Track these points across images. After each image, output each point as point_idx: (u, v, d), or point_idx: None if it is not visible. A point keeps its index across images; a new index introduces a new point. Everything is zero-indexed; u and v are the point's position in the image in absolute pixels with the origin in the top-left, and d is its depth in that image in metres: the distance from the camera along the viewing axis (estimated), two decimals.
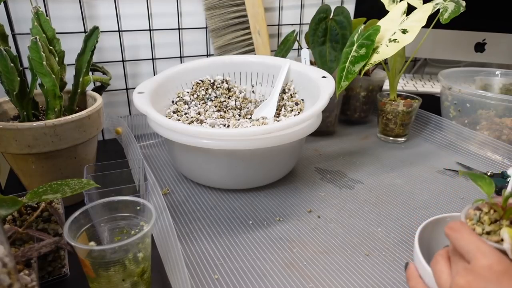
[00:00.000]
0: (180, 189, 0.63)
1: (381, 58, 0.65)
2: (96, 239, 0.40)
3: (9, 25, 0.68)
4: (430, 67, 1.22)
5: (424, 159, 0.75)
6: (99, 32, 0.58)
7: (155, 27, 0.81)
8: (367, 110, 0.91)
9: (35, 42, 0.49)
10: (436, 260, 0.34)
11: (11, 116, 0.59)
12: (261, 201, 0.60)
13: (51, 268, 0.43)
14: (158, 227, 0.47)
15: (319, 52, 0.79)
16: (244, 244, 0.50)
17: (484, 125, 0.78)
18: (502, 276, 0.27)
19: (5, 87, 0.52)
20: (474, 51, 1.03)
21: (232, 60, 0.76)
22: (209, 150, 0.56)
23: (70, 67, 0.60)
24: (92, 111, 0.54)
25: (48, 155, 0.52)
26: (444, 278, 0.32)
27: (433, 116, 0.87)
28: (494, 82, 0.93)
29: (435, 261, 0.34)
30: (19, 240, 0.39)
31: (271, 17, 0.92)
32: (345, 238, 0.52)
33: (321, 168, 0.71)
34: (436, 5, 0.70)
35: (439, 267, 0.33)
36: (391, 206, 0.59)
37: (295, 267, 0.46)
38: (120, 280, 0.37)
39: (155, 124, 0.58)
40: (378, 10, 0.74)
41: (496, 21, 1.00)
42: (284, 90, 0.72)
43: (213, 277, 0.45)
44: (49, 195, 0.39)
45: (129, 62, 0.82)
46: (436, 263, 0.33)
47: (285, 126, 0.53)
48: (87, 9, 0.74)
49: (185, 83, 0.74)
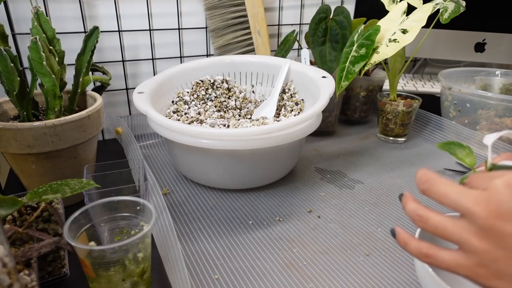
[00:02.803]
0: (180, 189, 0.63)
1: (381, 58, 0.65)
2: (96, 239, 0.40)
3: (9, 25, 0.68)
4: (430, 67, 1.22)
5: (424, 159, 0.75)
6: (99, 32, 0.58)
7: (155, 27, 0.81)
8: (367, 110, 0.91)
9: (35, 42, 0.49)
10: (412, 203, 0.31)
11: (11, 116, 0.59)
12: (261, 201, 0.60)
13: (51, 268, 0.43)
14: (158, 227, 0.47)
15: (319, 52, 0.79)
16: (244, 244, 0.50)
17: (484, 125, 0.78)
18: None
19: (5, 87, 0.52)
20: (474, 51, 1.03)
21: (232, 60, 0.76)
22: (209, 150, 0.56)
23: (70, 67, 0.60)
24: (92, 111, 0.54)
25: (48, 155, 0.52)
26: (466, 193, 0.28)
27: (433, 116, 0.87)
28: (494, 82, 0.93)
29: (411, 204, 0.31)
30: (19, 240, 0.39)
31: (271, 17, 0.92)
32: (345, 238, 0.52)
33: (321, 168, 0.71)
34: (436, 5, 0.70)
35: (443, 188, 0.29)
36: (391, 206, 0.59)
37: (295, 267, 0.46)
38: (120, 280, 0.37)
39: (155, 124, 0.58)
40: (378, 10, 0.74)
41: (496, 21, 1.00)
42: (284, 90, 0.72)
43: (213, 277, 0.45)
44: (49, 195, 0.39)
45: (129, 62, 0.82)
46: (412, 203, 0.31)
47: (285, 126, 0.53)
48: (87, 9, 0.74)
49: (185, 83, 0.74)
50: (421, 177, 0.31)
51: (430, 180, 0.30)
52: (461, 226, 0.28)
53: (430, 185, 0.30)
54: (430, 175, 0.30)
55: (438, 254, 0.30)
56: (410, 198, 0.32)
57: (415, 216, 0.30)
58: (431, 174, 0.30)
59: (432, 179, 0.30)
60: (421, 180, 0.31)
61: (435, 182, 0.30)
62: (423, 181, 0.30)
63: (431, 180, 0.30)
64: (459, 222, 0.28)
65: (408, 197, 0.32)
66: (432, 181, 0.30)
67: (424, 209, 0.30)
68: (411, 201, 0.31)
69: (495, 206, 0.26)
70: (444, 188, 0.29)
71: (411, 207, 0.31)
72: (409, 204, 0.31)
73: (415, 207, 0.31)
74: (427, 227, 0.30)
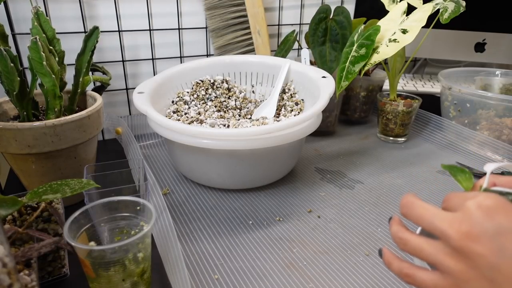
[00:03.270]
0: (180, 189, 0.63)
1: (381, 58, 0.65)
2: (96, 239, 0.40)
3: (9, 25, 0.68)
4: (430, 67, 1.22)
5: (424, 159, 0.75)
6: (99, 32, 0.58)
7: (155, 27, 0.81)
8: (367, 110, 0.91)
9: (35, 42, 0.49)
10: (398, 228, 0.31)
11: (11, 116, 0.59)
12: (261, 201, 0.60)
13: (51, 268, 0.43)
14: (158, 227, 0.47)
15: (319, 52, 0.79)
16: (244, 244, 0.50)
17: (484, 125, 0.78)
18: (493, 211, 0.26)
19: (5, 87, 0.53)
20: (474, 51, 1.03)
21: (232, 60, 0.76)
22: (209, 150, 0.56)
23: (70, 67, 0.60)
24: (92, 111, 0.54)
25: (48, 155, 0.52)
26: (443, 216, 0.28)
27: (433, 116, 0.87)
28: (494, 82, 0.93)
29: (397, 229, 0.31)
30: (19, 240, 0.39)
31: (271, 17, 0.92)
32: (345, 238, 0.52)
33: (321, 168, 0.71)
34: (436, 5, 0.70)
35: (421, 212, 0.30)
36: (391, 206, 0.59)
37: (295, 267, 0.46)
38: (120, 280, 0.37)
39: (155, 124, 0.58)
40: (378, 10, 0.74)
41: (496, 21, 1.00)
42: (284, 90, 0.72)
43: (213, 277, 0.45)
44: (49, 195, 0.39)
45: (129, 62, 0.82)
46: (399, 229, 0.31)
47: (285, 126, 0.53)
48: (87, 9, 0.74)
49: (185, 83, 0.74)
50: (402, 202, 0.32)
51: (408, 204, 0.31)
52: (437, 248, 0.28)
53: (408, 209, 0.31)
54: (409, 199, 0.31)
55: (416, 274, 0.30)
56: (395, 221, 0.33)
57: (396, 239, 0.31)
58: (411, 198, 0.31)
59: (410, 203, 0.31)
60: (402, 204, 0.32)
61: (412, 205, 0.31)
62: (403, 205, 0.31)
63: (409, 203, 0.31)
64: (435, 243, 0.29)
65: (394, 220, 0.33)
66: (410, 204, 0.31)
67: (404, 231, 0.31)
68: (395, 224, 0.32)
69: (467, 227, 0.27)
70: (420, 211, 0.30)
71: (394, 229, 0.32)
72: (393, 227, 0.32)
73: (397, 230, 0.32)
74: (407, 249, 0.30)
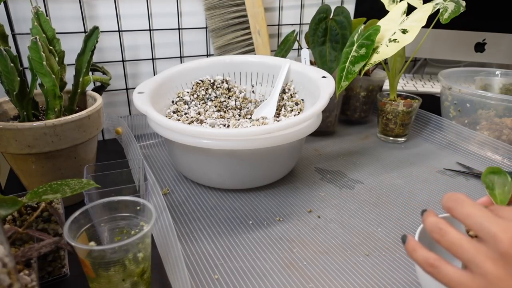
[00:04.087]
0: (180, 189, 0.63)
1: (381, 58, 0.65)
2: (96, 239, 0.40)
3: (9, 25, 0.68)
4: (430, 67, 1.22)
5: (424, 159, 0.75)
6: (99, 32, 0.58)
7: (155, 27, 0.81)
8: (367, 110, 0.91)
9: (35, 42, 0.49)
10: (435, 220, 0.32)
11: (11, 116, 0.59)
12: (261, 201, 0.60)
13: (51, 268, 0.43)
14: (158, 227, 0.47)
15: (319, 52, 0.79)
16: (244, 244, 0.50)
17: (484, 125, 0.78)
18: None
19: (5, 87, 0.52)
20: (474, 51, 1.03)
21: (232, 60, 0.76)
22: (209, 150, 0.56)
23: (70, 67, 0.60)
24: (92, 111, 0.54)
25: (48, 155, 0.52)
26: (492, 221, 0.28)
27: (433, 116, 0.87)
28: (494, 82, 0.93)
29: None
30: (19, 240, 0.39)
31: (271, 17, 0.92)
32: (345, 238, 0.52)
33: (321, 168, 0.71)
34: (436, 5, 0.70)
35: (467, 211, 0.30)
36: (391, 206, 0.59)
37: (295, 267, 0.46)
38: (120, 280, 0.37)
39: (155, 124, 0.58)
40: (378, 10, 0.74)
41: (496, 21, 1.00)
42: (284, 90, 0.72)
43: (213, 277, 0.45)
44: (49, 195, 0.39)
45: (129, 62, 0.82)
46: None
47: (285, 126, 0.53)
48: (87, 9, 0.74)
49: (185, 83, 0.74)
50: (450, 196, 0.32)
51: (458, 200, 0.31)
52: (478, 248, 0.29)
53: (457, 204, 0.31)
54: (460, 196, 0.31)
55: (442, 267, 0.30)
56: (432, 212, 0.33)
57: (435, 228, 0.31)
58: (462, 196, 0.31)
59: (460, 199, 0.31)
60: (449, 198, 0.32)
61: (463, 202, 0.31)
62: (450, 199, 0.32)
63: (459, 200, 0.31)
64: (477, 244, 0.29)
65: (431, 212, 0.33)
66: (459, 201, 0.31)
67: (445, 223, 0.31)
68: (433, 215, 0.33)
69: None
70: (471, 209, 0.30)
71: (433, 219, 0.32)
72: (432, 217, 0.32)
73: (437, 220, 0.32)
74: (444, 241, 0.30)
